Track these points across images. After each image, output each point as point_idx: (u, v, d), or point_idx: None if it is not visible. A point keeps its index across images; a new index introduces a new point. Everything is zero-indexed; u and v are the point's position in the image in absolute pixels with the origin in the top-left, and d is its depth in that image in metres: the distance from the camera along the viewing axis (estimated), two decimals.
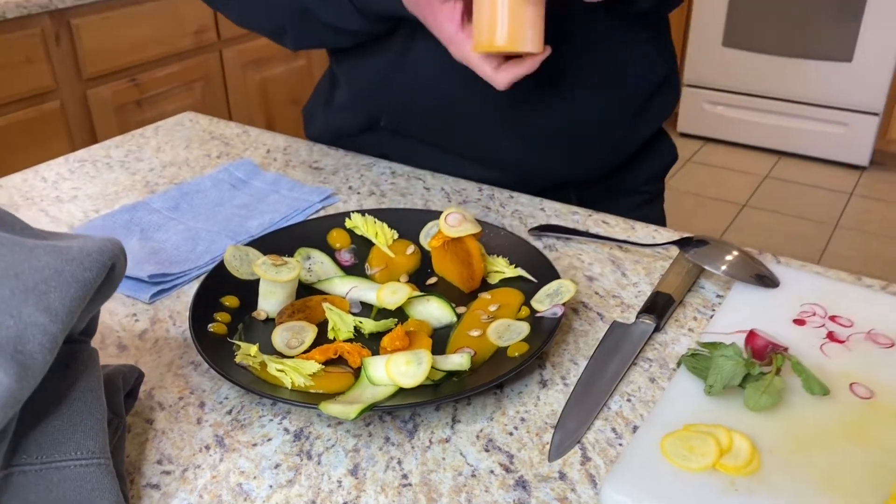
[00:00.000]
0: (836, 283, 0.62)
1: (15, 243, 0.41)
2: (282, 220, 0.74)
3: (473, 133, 0.79)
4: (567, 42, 0.74)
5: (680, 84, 0.91)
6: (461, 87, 0.74)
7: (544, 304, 0.58)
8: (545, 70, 0.71)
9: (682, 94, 3.21)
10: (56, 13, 1.76)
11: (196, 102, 2.12)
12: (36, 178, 0.85)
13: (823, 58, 2.94)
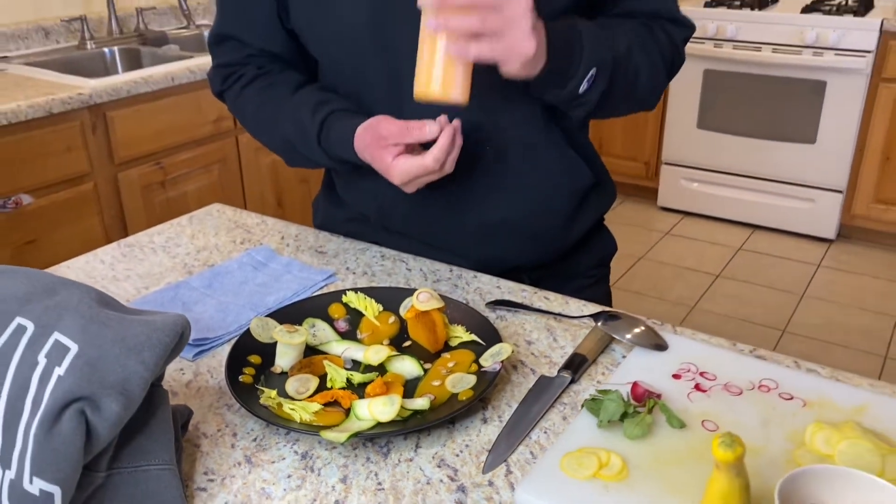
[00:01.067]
0: (713, 348, 0.82)
1: (120, 318, 0.61)
2: (293, 296, 0.94)
3: (440, 230, 1.01)
4: (502, 156, 0.95)
5: (613, 188, 1.11)
6: (427, 196, 0.95)
7: (489, 361, 0.78)
8: (486, 180, 0.94)
9: (661, 171, 3.46)
10: (94, 107, 2.00)
11: (213, 183, 2.36)
12: (96, 261, 1.06)
13: (789, 139, 3.19)
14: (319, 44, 0.98)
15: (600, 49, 0.87)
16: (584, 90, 0.87)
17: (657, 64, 0.95)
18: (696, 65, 3.27)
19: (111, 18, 2.55)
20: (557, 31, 0.83)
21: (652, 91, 0.97)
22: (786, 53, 3.07)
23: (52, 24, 2.47)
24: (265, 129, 1.04)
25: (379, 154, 0.87)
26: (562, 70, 0.84)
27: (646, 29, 0.95)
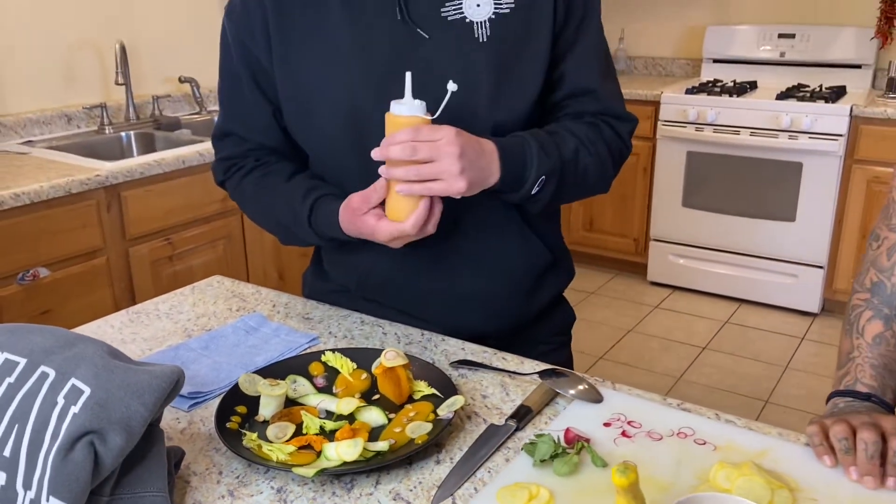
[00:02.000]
0: (644, 401, 0.93)
1: (126, 367, 0.73)
2: (279, 356, 1.06)
3: (412, 299, 1.14)
4: (468, 236, 1.09)
5: (571, 267, 1.24)
6: (400, 269, 1.08)
7: (444, 411, 0.89)
8: (453, 257, 1.07)
9: (649, 247, 3.59)
10: (110, 187, 2.17)
11: (219, 257, 2.50)
12: (106, 326, 1.19)
13: (770, 217, 3.34)
14: (306, 143, 1.13)
15: (548, 159, 1.02)
16: (535, 192, 1.02)
17: (604, 159, 1.09)
18: (680, 147, 3.45)
19: (129, 105, 2.76)
20: (509, 148, 0.99)
21: (601, 182, 1.12)
22: (763, 137, 3.25)
23: (74, 110, 2.67)
24: (262, 214, 1.19)
25: (362, 222, 1.00)
26: (514, 180, 1.00)
27: (593, 128, 1.09)
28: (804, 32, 3.56)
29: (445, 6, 1.03)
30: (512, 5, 1.04)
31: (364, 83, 1.04)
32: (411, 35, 1.03)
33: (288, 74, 1.08)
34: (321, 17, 1.06)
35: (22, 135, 2.53)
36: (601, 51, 1.12)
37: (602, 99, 1.11)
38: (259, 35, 1.09)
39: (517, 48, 1.05)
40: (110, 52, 2.70)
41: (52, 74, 2.61)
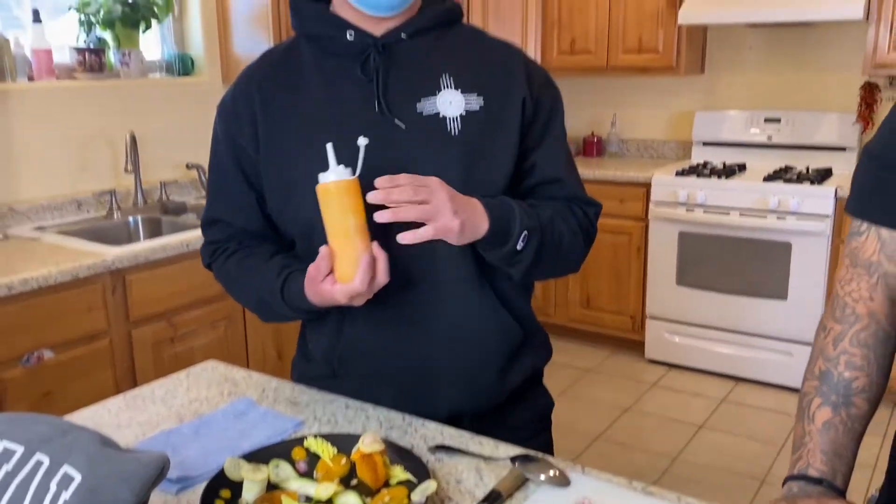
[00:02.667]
0: (611, 485, 0.98)
1: (116, 455, 0.79)
2: (266, 441, 1.11)
3: (390, 376, 1.20)
4: (440, 309, 1.15)
5: (547, 346, 1.31)
6: (376, 343, 1.18)
7: (418, 496, 0.94)
8: (425, 329, 1.15)
9: (646, 325, 3.64)
10: (115, 272, 2.25)
11: (220, 337, 2.56)
12: (103, 410, 1.25)
13: (762, 296, 3.39)
14: (287, 227, 1.22)
15: (530, 217, 1.10)
16: (520, 248, 1.09)
17: (576, 232, 1.18)
18: (672, 227, 3.54)
19: (137, 191, 2.87)
20: (494, 204, 1.08)
21: (573, 254, 1.19)
22: (752, 217, 3.33)
23: (85, 196, 2.78)
24: (243, 291, 1.27)
25: (321, 289, 1.07)
26: (502, 232, 1.07)
27: (564, 206, 1.19)
28: (789, 117, 3.69)
29: (421, 101, 1.12)
30: (482, 103, 1.14)
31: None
32: (389, 126, 1.11)
33: (271, 161, 1.17)
34: (304, 108, 1.15)
35: (34, 220, 2.64)
36: (565, 144, 1.23)
37: (569, 186, 1.21)
38: (247, 126, 1.18)
39: (487, 142, 1.14)
40: (121, 141, 2.84)
41: (65, 163, 2.74)
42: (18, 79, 2.63)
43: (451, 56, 1.16)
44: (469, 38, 1.21)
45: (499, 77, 1.16)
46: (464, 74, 1.15)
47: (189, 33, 3.20)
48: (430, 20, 1.16)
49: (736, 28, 3.80)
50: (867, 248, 0.96)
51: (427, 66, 1.15)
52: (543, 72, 1.23)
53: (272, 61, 1.21)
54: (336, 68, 1.15)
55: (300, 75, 1.17)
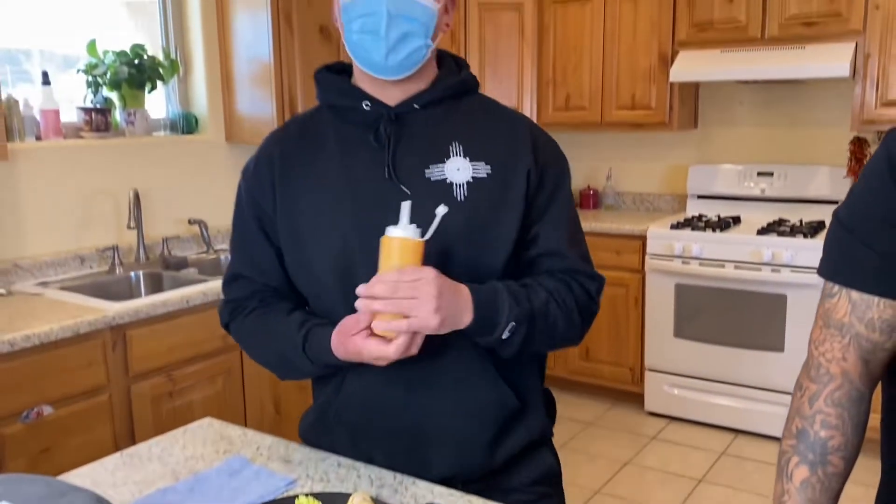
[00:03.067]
0: None
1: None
2: (258, 499, 1.14)
3: (387, 433, 1.22)
4: (437, 371, 1.18)
5: (550, 412, 1.30)
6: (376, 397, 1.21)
7: None
8: (422, 395, 1.17)
9: (645, 377, 3.65)
10: (116, 327, 2.29)
11: (218, 392, 2.58)
12: (100, 468, 1.27)
13: (759, 348, 3.41)
14: (302, 287, 1.26)
15: (519, 307, 1.12)
16: (506, 337, 1.12)
17: (572, 313, 1.19)
18: (668, 279, 3.57)
19: (140, 246, 2.92)
20: (482, 295, 1.10)
21: (570, 333, 1.21)
22: (747, 270, 3.37)
23: (88, 252, 2.83)
24: (261, 347, 1.29)
25: (351, 342, 1.10)
26: (486, 325, 1.10)
27: (563, 284, 1.20)
28: (782, 171, 3.76)
29: (429, 168, 1.17)
30: (489, 171, 1.18)
31: (352, 234, 1.17)
32: (396, 192, 1.16)
33: (287, 221, 1.22)
34: (320, 171, 1.21)
35: (37, 276, 2.68)
36: (570, 218, 1.25)
37: (570, 260, 1.22)
38: (267, 187, 1.24)
39: (492, 209, 1.17)
40: (125, 197, 2.90)
41: (69, 220, 2.80)
42: (27, 138, 2.70)
43: (461, 125, 1.21)
44: (480, 107, 1.25)
45: (506, 147, 1.20)
46: (473, 143, 1.19)
47: (193, 92, 3.29)
48: (442, 91, 1.21)
49: (727, 84, 3.89)
50: (839, 309, 0.99)
51: (437, 134, 1.20)
52: (553, 144, 1.26)
53: (295, 127, 1.28)
54: (352, 136, 1.21)
55: (319, 142, 1.23)
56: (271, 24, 3.08)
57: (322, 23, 3.24)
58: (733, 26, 3.53)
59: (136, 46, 3.00)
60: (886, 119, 3.25)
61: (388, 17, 1.11)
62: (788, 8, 3.40)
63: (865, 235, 0.96)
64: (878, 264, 0.95)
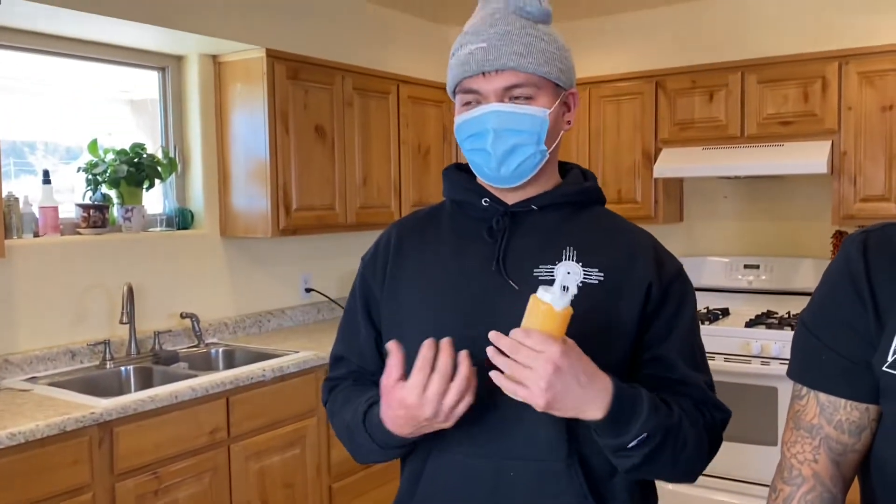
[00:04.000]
0: None
1: None
2: None
3: None
4: (518, 484, 1.11)
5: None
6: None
7: None
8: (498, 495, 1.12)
9: None
10: (103, 424, 2.27)
11: (204, 490, 2.54)
12: None
13: (752, 442, 3.38)
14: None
15: (656, 417, 1.04)
16: (632, 445, 1.03)
17: (702, 438, 1.11)
18: None
19: (131, 341, 2.94)
20: (624, 393, 1.02)
21: (695, 462, 1.12)
22: (737, 363, 3.38)
23: (79, 347, 2.84)
24: (337, 425, 1.27)
25: (390, 397, 1.06)
26: (617, 426, 1.02)
27: (696, 409, 1.12)
28: (768, 263, 3.82)
29: (539, 267, 1.15)
30: (602, 277, 1.13)
31: (451, 319, 1.15)
32: (503, 285, 1.14)
33: (391, 303, 1.24)
34: (431, 258, 1.22)
35: (27, 371, 2.68)
36: (696, 341, 1.18)
37: (696, 389, 1.15)
38: (379, 270, 1.27)
39: (601, 318, 1.12)
40: (118, 292, 2.93)
41: (62, 315, 2.82)
42: (25, 234, 2.76)
43: (578, 231, 1.19)
44: (602, 219, 1.23)
45: (627, 257, 1.16)
46: (588, 249, 1.16)
47: (190, 189, 3.38)
48: (560, 197, 1.20)
49: (710, 179, 4.00)
50: (808, 411, 1.01)
51: (552, 236, 1.18)
52: (677, 264, 1.21)
53: (418, 217, 1.32)
54: (468, 229, 1.22)
55: (437, 231, 1.25)
56: (268, 123, 3.19)
57: (317, 122, 3.36)
58: (713, 125, 3.67)
59: (136, 145, 3.09)
60: (865, 214, 3.34)
61: (494, 133, 1.13)
62: (765, 108, 3.54)
63: (830, 339, 0.99)
64: (843, 367, 0.98)
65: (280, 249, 3.63)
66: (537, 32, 1.15)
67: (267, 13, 3.23)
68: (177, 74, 3.33)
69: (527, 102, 1.14)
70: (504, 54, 1.13)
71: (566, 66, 1.19)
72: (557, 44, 1.18)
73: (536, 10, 1.16)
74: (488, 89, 1.14)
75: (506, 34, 1.14)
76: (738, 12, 3.66)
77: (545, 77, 1.15)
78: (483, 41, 1.14)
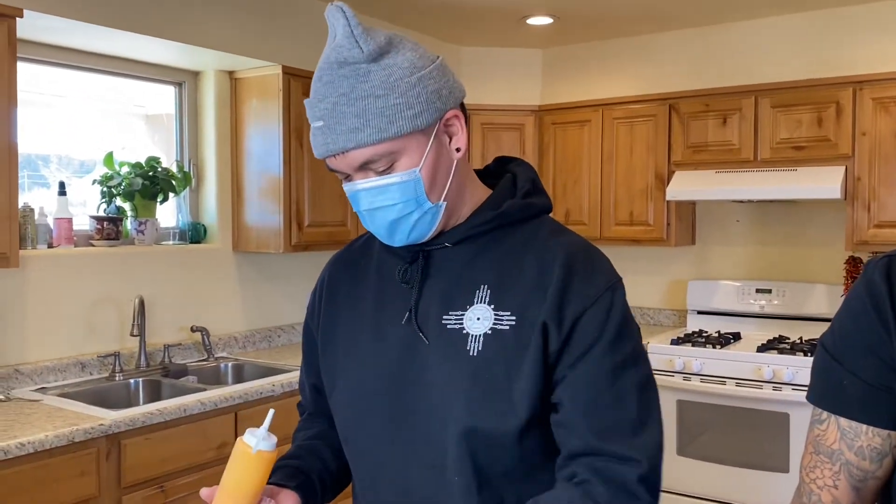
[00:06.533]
0: None
1: None
2: None
3: None
4: None
5: None
6: None
7: None
8: None
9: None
10: (111, 436, 2.27)
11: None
12: None
13: (763, 468, 3.34)
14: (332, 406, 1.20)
15: None
16: None
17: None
18: (670, 395, 3.54)
19: (141, 354, 2.94)
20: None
21: None
22: (749, 388, 3.35)
23: (89, 358, 2.84)
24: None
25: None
26: None
27: (578, 492, 0.97)
28: (780, 288, 3.80)
29: (448, 315, 1.06)
30: (513, 322, 1.03)
31: (371, 377, 1.11)
32: (415, 338, 1.07)
33: (325, 353, 1.20)
34: (355, 304, 1.17)
35: (37, 381, 2.68)
36: (605, 382, 1.00)
37: (587, 438, 0.99)
38: (316, 314, 1.23)
39: (509, 367, 1.02)
40: (129, 305, 2.94)
41: (73, 326, 2.82)
42: (39, 245, 2.77)
43: (494, 266, 1.07)
44: (526, 242, 1.09)
45: (533, 295, 1.03)
46: (502, 289, 1.05)
47: (204, 203, 3.39)
48: (473, 229, 1.08)
49: (723, 203, 3.99)
50: (828, 436, 1.00)
51: (465, 276, 1.08)
52: (595, 290, 1.03)
53: (352, 251, 1.24)
54: (390, 268, 1.14)
55: (364, 272, 1.18)
56: (282, 139, 3.21)
57: None
58: (727, 148, 3.66)
59: (151, 159, 3.11)
60: (879, 240, 3.32)
61: (369, 214, 1.05)
62: (779, 132, 3.54)
63: (851, 364, 0.98)
64: (864, 393, 0.96)
65: (291, 265, 3.64)
66: (369, 87, 0.98)
67: (283, 31, 3.26)
68: (193, 89, 3.36)
69: (390, 169, 1.01)
70: (340, 136, 0.99)
71: (424, 101, 1.01)
72: (401, 86, 0.99)
73: (359, 57, 0.99)
74: (344, 167, 1.03)
75: (334, 109, 0.99)
76: (752, 37, 3.67)
77: (396, 137, 0.99)
78: (318, 118, 1.01)
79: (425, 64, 1.03)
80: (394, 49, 1.02)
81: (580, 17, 3.67)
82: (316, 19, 3.40)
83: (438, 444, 1.04)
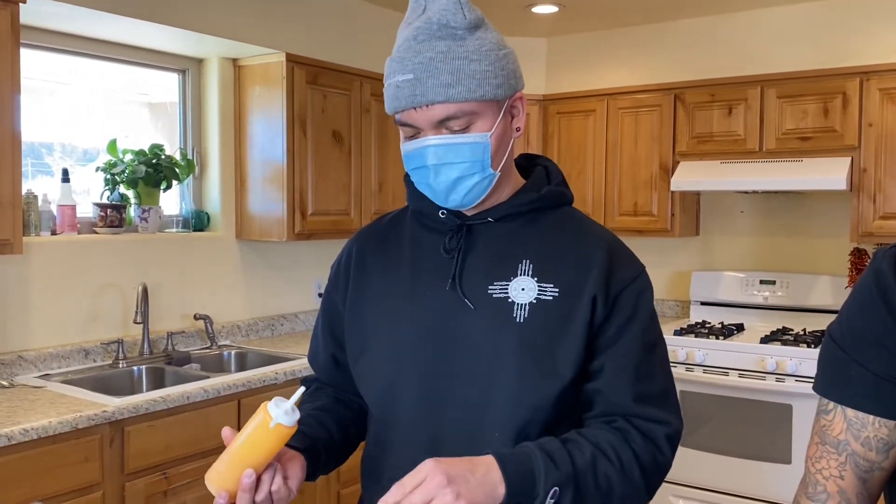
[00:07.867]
0: None
1: None
2: None
3: None
4: None
5: None
6: None
7: None
8: None
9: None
10: (115, 422, 2.27)
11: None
12: None
13: (766, 460, 3.34)
14: (359, 386, 1.24)
15: (557, 469, 1.01)
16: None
17: (630, 469, 1.06)
18: None
19: (144, 341, 2.94)
20: (510, 458, 1.00)
21: (630, 490, 1.07)
22: (751, 379, 3.34)
23: (92, 345, 2.85)
24: None
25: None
26: (523, 491, 0.99)
27: (618, 435, 1.07)
28: (784, 279, 3.79)
29: (493, 284, 1.13)
30: (556, 293, 1.11)
31: (409, 337, 1.16)
32: (459, 304, 1.13)
33: (353, 321, 1.23)
34: (390, 274, 1.21)
35: (41, 368, 2.69)
36: (643, 349, 1.12)
37: (627, 402, 1.10)
38: (342, 286, 1.26)
39: (553, 333, 1.10)
40: (133, 292, 2.94)
41: (77, 313, 2.83)
42: (42, 232, 2.77)
43: (536, 242, 1.16)
44: (564, 224, 1.19)
45: (579, 270, 1.13)
46: (545, 262, 1.14)
47: (207, 191, 3.39)
48: (517, 207, 1.16)
49: (727, 194, 3.98)
50: (835, 426, 0.99)
51: (508, 250, 1.15)
52: (633, 271, 1.17)
53: (380, 226, 1.29)
54: (427, 241, 1.20)
55: (396, 243, 1.23)
56: (286, 127, 3.20)
57: (335, 128, 3.36)
58: (732, 139, 3.65)
59: (155, 146, 3.11)
60: (885, 232, 3.31)
61: (434, 169, 1.10)
62: (784, 123, 3.52)
63: (859, 355, 0.97)
64: (872, 384, 0.96)
65: (294, 253, 3.64)
66: (465, 51, 1.08)
67: (288, 18, 3.25)
68: (196, 77, 3.35)
69: (465, 130, 1.09)
70: (431, 88, 1.06)
71: (505, 76, 1.11)
72: (491, 56, 1.10)
73: (461, 22, 1.08)
74: (422, 122, 1.09)
75: (430, 63, 1.07)
76: (758, 27, 3.64)
77: (480, 100, 1.08)
78: (409, 71, 1.08)
79: (506, 46, 1.14)
80: (485, 25, 1.12)
81: (586, 6, 3.65)
82: (320, 7, 3.39)
83: (478, 402, 1.10)
